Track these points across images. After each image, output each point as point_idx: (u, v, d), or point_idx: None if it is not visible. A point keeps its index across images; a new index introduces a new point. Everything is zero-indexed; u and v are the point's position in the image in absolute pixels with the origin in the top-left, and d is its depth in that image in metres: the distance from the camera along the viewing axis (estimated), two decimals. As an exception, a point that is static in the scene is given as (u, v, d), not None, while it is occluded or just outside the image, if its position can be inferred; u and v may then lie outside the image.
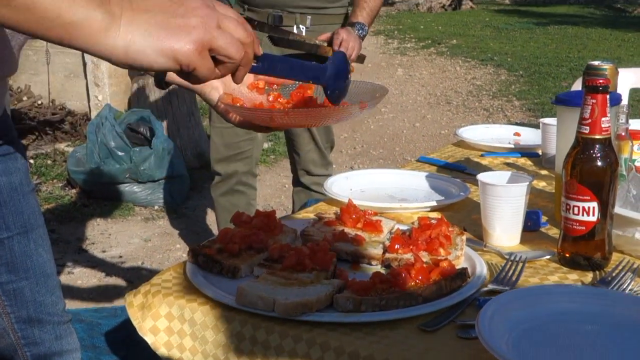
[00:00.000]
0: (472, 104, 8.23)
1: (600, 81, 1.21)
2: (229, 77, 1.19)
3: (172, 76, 1.27)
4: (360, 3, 2.80)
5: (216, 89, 1.21)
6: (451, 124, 7.22)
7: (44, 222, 1.36)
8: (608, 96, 1.22)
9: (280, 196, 5.05)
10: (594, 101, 1.22)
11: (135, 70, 0.89)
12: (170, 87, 1.28)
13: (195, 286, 1.15)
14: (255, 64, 1.00)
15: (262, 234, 1.30)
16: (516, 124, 2.51)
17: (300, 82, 1.22)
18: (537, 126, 2.18)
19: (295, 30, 2.83)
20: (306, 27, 2.82)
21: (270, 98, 1.25)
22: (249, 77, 1.24)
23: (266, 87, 1.26)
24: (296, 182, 3.30)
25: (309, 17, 2.85)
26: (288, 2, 2.84)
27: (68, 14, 0.81)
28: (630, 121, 1.70)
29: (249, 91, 1.25)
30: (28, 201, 1.30)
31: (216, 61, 0.90)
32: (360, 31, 2.73)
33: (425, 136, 6.72)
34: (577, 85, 3.12)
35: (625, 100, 3.05)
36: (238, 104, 1.18)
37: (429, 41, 13.91)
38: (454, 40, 13.87)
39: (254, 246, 1.27)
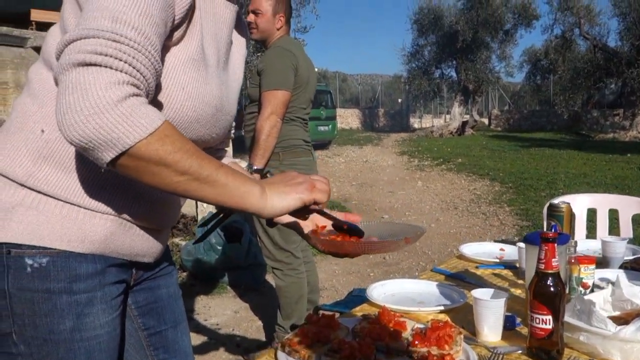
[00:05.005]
0: (474, 209, 8.22)
1: (550, 235, 1.35)
2: (315, 225, 1.37)
3: (278, 218, 1.44)
4: (252, 151, 3.14)
5: (307, 227, 1.35)
6: (458, 225, 7.24)
7: (186, 316, 1.45)
8: (556, 244, 1.36)
9: (332, 280, 5.14)
10: (547, 248, 1.35)
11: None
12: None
13: (284, 368, 1.27)
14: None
15: (326, 330, 1.38)
16: (502, 241, 2.60)
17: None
18: (516, 243, 2.27)
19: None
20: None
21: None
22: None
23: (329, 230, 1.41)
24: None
25: None
26: None
27: (244, 187, 1.04)
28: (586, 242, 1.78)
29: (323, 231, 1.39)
30: (178, 304, 1.40)
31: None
32: (249, 169, 3.05)
33: (439, 234, 6.74)
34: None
35: (584, 214, 3.08)
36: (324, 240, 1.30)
37: (441, 160, 13.99)
38: (460, 159, 13.93)
39: (321, 340, 1.34)
